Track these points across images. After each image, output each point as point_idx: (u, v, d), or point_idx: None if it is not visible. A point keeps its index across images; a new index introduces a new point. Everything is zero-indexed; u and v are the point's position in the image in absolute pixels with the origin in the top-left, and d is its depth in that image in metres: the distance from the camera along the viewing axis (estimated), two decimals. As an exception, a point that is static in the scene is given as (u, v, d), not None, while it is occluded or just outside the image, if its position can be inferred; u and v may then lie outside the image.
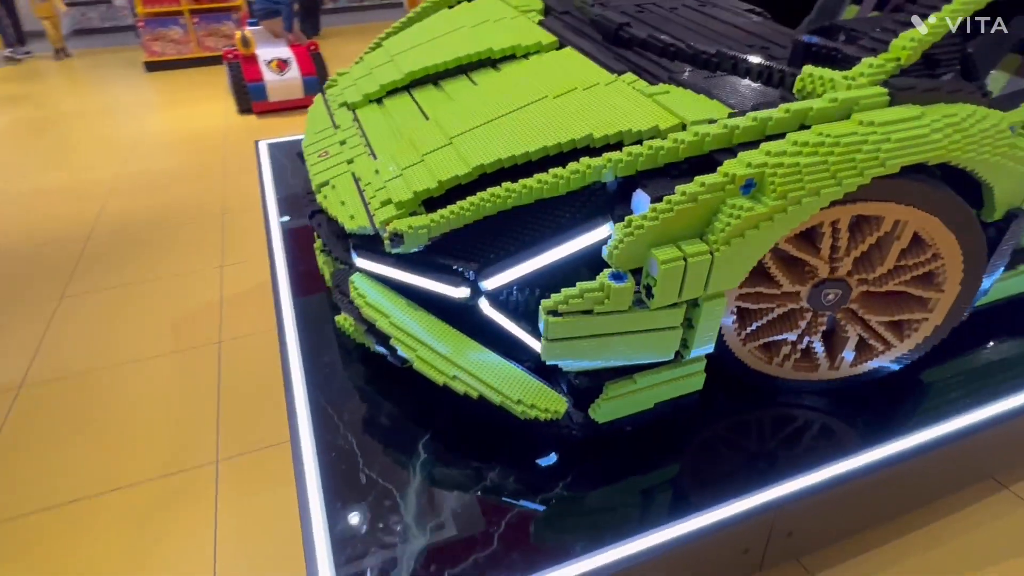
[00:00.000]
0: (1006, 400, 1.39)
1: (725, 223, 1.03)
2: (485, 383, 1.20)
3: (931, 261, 1.21)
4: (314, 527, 1.13)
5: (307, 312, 1.66)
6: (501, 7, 1.85)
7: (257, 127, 4.47)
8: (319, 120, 1.72)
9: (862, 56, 1.20)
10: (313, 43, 4.85)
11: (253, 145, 2.59)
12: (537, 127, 1.26)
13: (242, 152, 3.99)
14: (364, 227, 1.28)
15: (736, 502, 1.18)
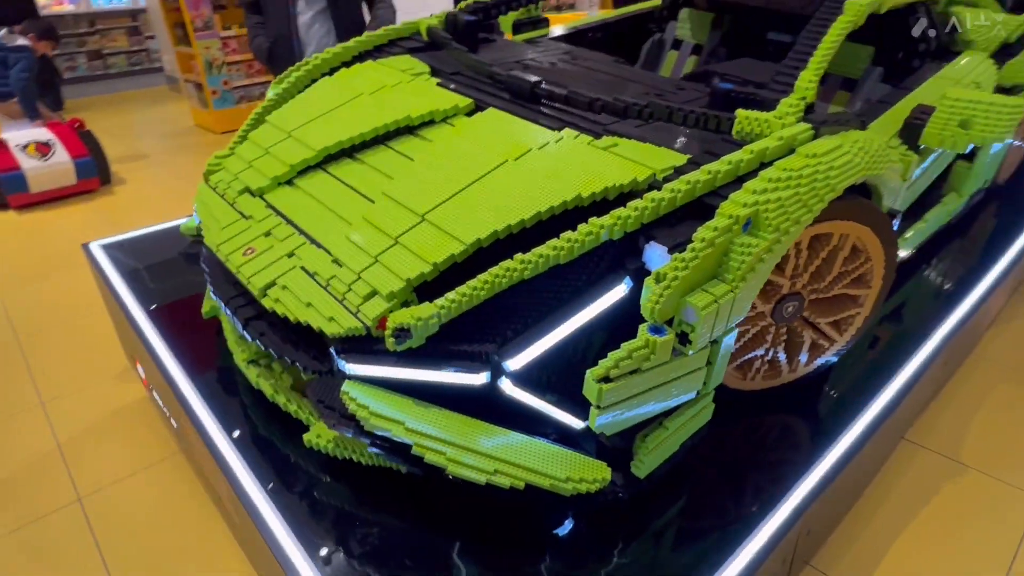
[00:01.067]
0: (905, 371, 1.66)
1: (740, 261, 1.09)
2: (529, 469, 1.12)
3: (864, 264, 1.41)
4: None
5: (242, 431, 1.40)
6: (388, 71, 1.77)
7: (22, 226, 3.68)
8: (218, 211, 1.47)
9: (774, 98, 1.38)
10: (77, 120, 4.17)
11: (28, 248, 2.13)
12: (517, 192, 1.23)
13: (18, 258, 3.26)
14: (353, 328, 1.12)
15: (775, 513, 1.25)
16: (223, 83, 5.72)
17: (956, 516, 1.70)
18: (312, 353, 1.24)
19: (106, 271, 1.94)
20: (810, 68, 1.45)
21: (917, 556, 1.60)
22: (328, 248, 1.27)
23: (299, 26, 2.77)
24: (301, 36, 2.79)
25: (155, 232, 2.22)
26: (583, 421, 1.20)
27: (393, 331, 1.08)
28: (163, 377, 1.55)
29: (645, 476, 1.22)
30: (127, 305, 1.79)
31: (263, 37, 2.82)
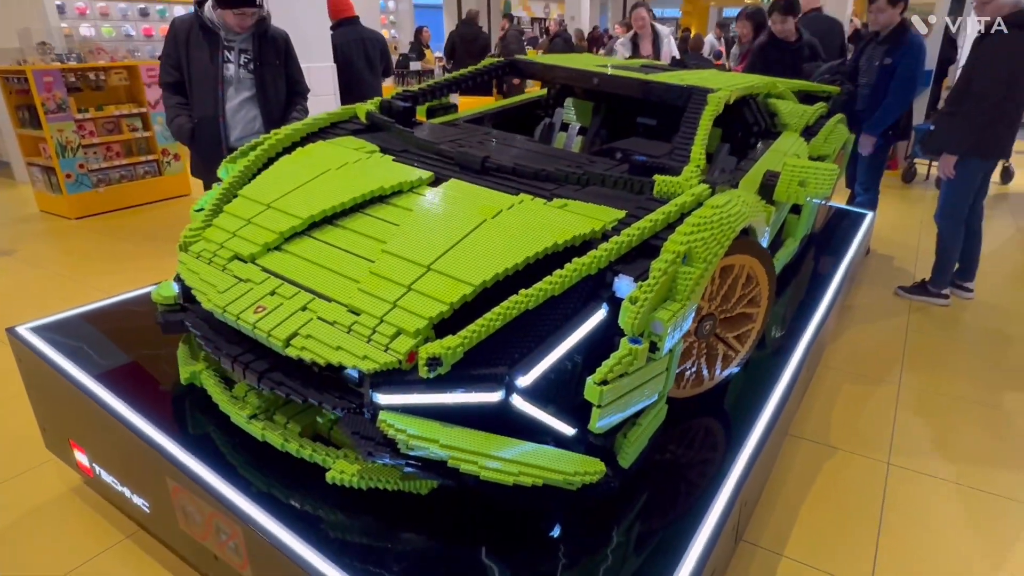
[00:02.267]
0: (783, 379, 2.10)
1: (684, 285, 1.43)
2: (545, 468, 1.33)
3: (755, 288, 1.84)
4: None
5: (253, 482, 1.45)
6: (343, 150, 1.97)
7: None
8: (211, 277, 1.56)
9: (679, 167, 1.80)
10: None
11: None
12: (504, 244, 1.48)
13: None
14: (389, 363, 1.29)
15: (719, 495, 1.55)
16: (79, 166, 5.41)
17: (835, 487, 2.15)
18: (336, 394, 1.37)
19: (44, 351, 1.86)
20: (697, 144, 1.91)
21: (815, 521, 2.00)
22: (340, 300, 1.43)
23: (227, 110, 2.87)
24: (227, 119, 2.89)
25: (79, 313, 2.15)
26: (573, 428, 1.45)
27: (427, 361, 1.27)
28: (149, 446, 1.55)
29: (628, 465, 1.48)
30: (78, 380, 1.75)
31: (185, 117, 2.87)
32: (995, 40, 3.03)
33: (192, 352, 1.80)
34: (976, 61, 3.10)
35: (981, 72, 3.06)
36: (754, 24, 4.96)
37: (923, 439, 2.41)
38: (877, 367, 2.91)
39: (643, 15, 5.27)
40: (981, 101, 3.02)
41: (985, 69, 3.05)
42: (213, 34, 2.82)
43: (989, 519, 2.01)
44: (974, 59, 3.13)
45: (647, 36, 5.20)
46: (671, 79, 2.47)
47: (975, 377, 2.85)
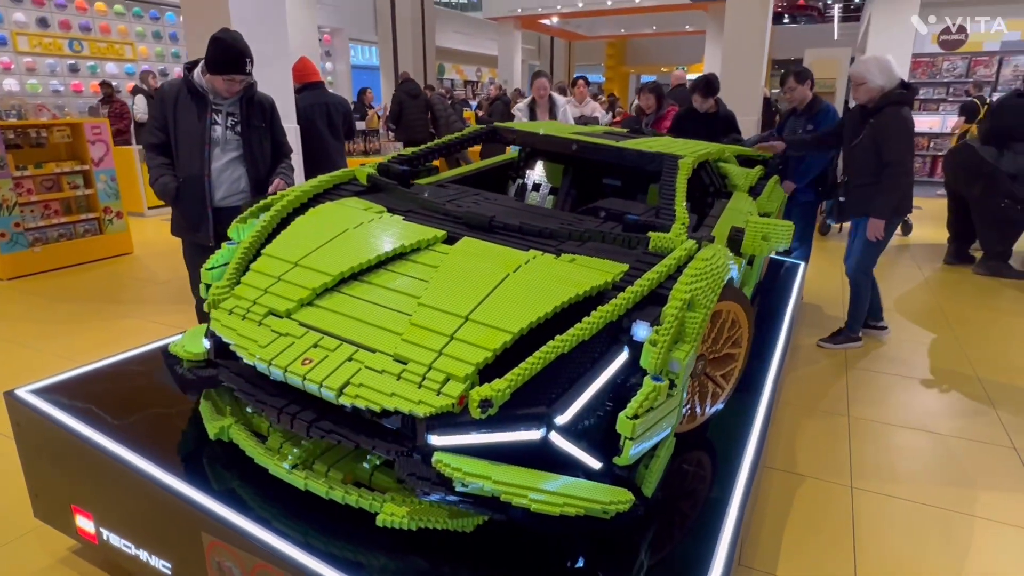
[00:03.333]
0: (759, 416, 2.33)
1: (691, 328, 1.63)
2: (584, 499, 1.45)
3: (738, 330, 2.06)
4: None
5: (297, 532, 1.49)
6: (356, 211, 2.09)
7: None
8: (249, 333, 1.62)
9: (669, 224, 2.03)
10: None
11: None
12: (531, 295, 1.64)
13: None
14: (443, 406, 1.39)
15: (726, 519, 1.72)
16: (14, 225, 5.18)
17: (810, 511, 2.36)
18: (388, 439, 1.46)
19: (51, 413, 1.83)
20: (679, 204, 2.16)
21: (798, 543, 2.19)
22: (385, 351, 1.53)
23: (212, 169, 2.92)
24: (213, 179, 2.93)
25: (77, 375, 2.11)
26: (600, 462, 1.58)
27: (479, 403, 1.39)
28: (184, 502, 1.56)
29: (651, 494, 1.62)
30: (94, 440, 1.73)
31: (169, 177, 2.90)
32: (888, 116, 3.48)
33: (218, 407, 1.82)
34: (877, 135, 3.51)
35: (890, 144, 3.48)
36: (657, 96, 5.50)
37: (877, 464, 2.67)
38: (827, 401, 3.21)
39: (544, 84, 5.60)
40: (899, 168, 3.45)
41: (892, 141, 3.47)
42: (201, 97, 2.90)
43: (945, 531, 2.27)
44: (874, 134, 3.53)
45: (544, 105, 5.55)
46: (641, 146, 2.75)
47: (910, 406, 3.19)
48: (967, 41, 10.75)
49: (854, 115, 3.73)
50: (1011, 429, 2.96)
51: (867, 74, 3.51)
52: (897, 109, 3.48)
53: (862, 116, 3.64)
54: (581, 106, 7.03)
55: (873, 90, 3.52)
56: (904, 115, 3.48)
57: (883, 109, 3.50)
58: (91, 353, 3.68)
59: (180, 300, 4.75)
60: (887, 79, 3.50)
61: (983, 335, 4.21)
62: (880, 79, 3.49)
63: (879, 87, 3.50)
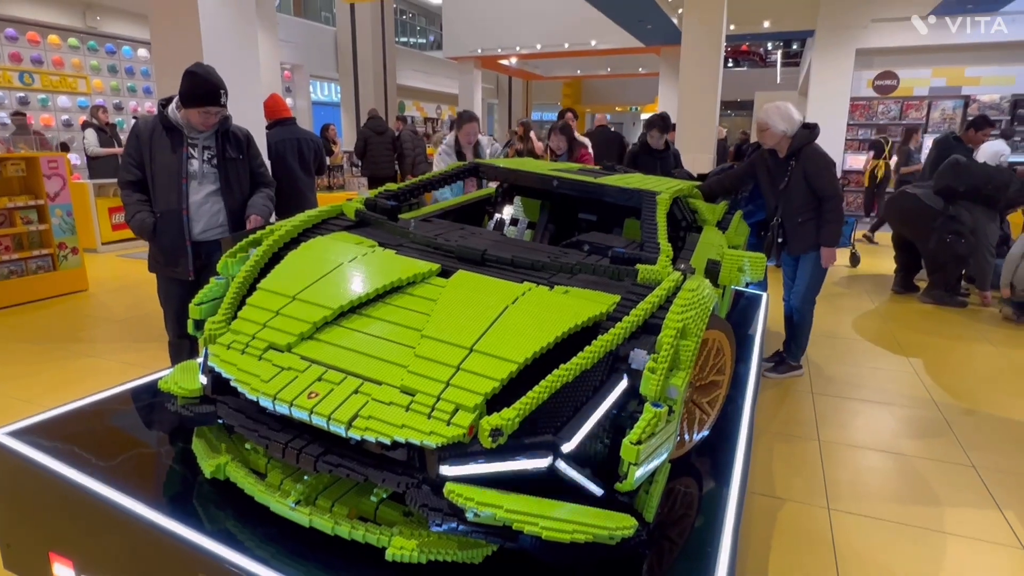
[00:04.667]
0: (741, 442, 2.40)
1: (685, 355, 1.70)
2: (592, 526, 1.48)
3: (722, 358, 2.14)
4: None
5: None
6: (347, 245, 2.11)
7: None
8: (250, 367, 1.60)
9: (654, 257, 2.11)
10: None
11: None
12: (532, 325, 1.68)
13: None
14: (455, 436, 1.41)
15: (722, 543, 1.76)
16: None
17: (791, 534, 2.43)
18: (400, 470, 1.46)
19: (30, 455, 1.75)
20: (661, 237, 2.25)
21: (783, 567, 2.25)
22: (391, 383, 1.54)
23: (190, 204, 2.89)
24: (191, 213, 2.90)
25: (53, 417, 2.03)
26: (601, 489, 1.62)
27: (490, 432, 1.41)
28: (179, 543, 1.51)
29: (652, 519, 1.66)
30: (78, 482, 1.67)
31: (147, 213, 2.85)
32: (810, 156, 3.71)
33: (211, 445, 1.78)
34: (807, 175, 3.72)
35: (821, 181, 3.69)
36: (568, 138, 5.59)
37: (851, 485, 2.78)
38: (797, 427, 3.33)
39: (474, 129, 5.44)
40: (836, 199, 3.68)
41: (822, 178, 3.69)
42: (177, 132, 2.89)
43: (919, 548, 2.36)
44: (802, 175, 3.73)
45: (469, 147, 5.45)
46: (618, 183, 2.86)
47: (875, 429, 3.33)
48: (899, 86, 11.54)
49: (768, 160, 3.92)
50: (968, 448, 3.12)
51: (769, 120, 3.74)
52: (813, 148, 3.73)
53: (779, 161, 3.85)
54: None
55: (776, 135, 3.74)
56: (820, 151, 3.74)
57: (800, 151, 3.73)
58: (52, 395, 3.53)
59: (140, 338, 4.61)
60: (788, 125, 3.72)
61: (935, 360, 4.45)
62: (782, 125, 3.72)
63: (781, 132, 3.72)
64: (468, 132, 5.19)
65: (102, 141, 8.48)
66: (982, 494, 2.72)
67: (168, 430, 2.01)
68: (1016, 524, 2.50)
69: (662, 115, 5.13)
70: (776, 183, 3.87)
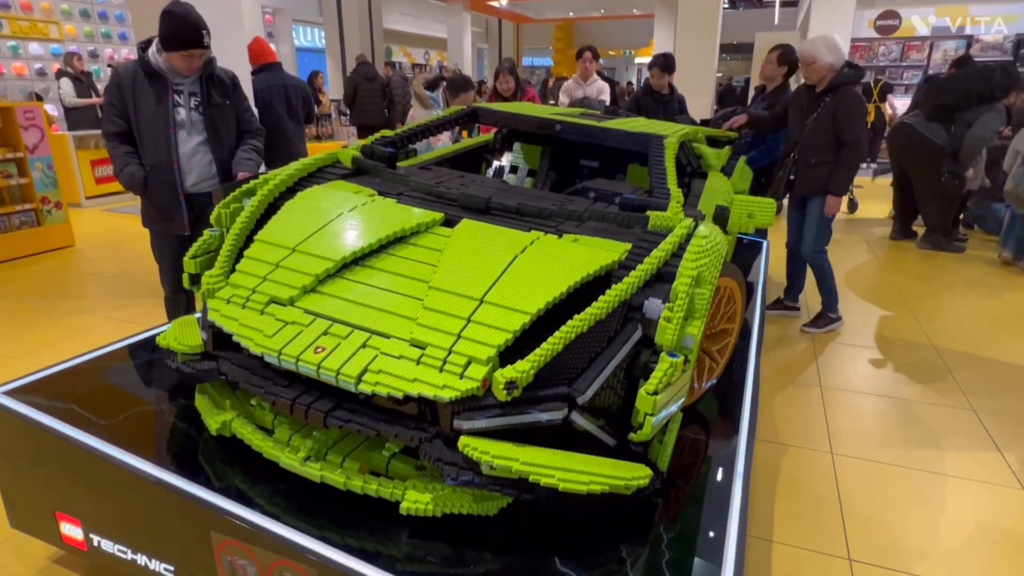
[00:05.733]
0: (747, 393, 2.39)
1: (700, 304, 1.65)
2: (608, 476, 1.46)
3: (733, 306, 2.10)
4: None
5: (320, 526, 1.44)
6: (346, 194, 2.02)
7: None
8: (252, 322, 1.54)
9: (664, 203, 2.04)
10: None
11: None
12: (542, 275, 1.62)
13: None
14: (469, 389, 1.37)
15: (735, 487, 1.76)
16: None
17: (796, 478, 2.45)
18: (412, 424, 1.43)
19: (30, 415, 1.71)
20: (671, 183, 2.18)
21: (789, 509, 2.27)
22: (400, 336, 1.49)
23: (181, 155, 2.76)
24: (182, 165, 2.78)
25: (52, 374, 1.98)
26: (614, 439, 1.60)
27: (505, 385, 1.37)
28: (191, 501, 1.49)
29: (666, 468, 1.65)
30: (84, 441, 1.63)
31: (136, 166, 2.73)
32: (846, 97, 3.56)
33: (215, 401, 1.74)
34: (836, 115, 3.57)
35: (848, 125, 3.55)
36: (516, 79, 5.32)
37: (852, 430, 2.80)
38: (800, 374, 3.34)
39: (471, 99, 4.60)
40: (856, 147, 3.56)
41: (851, 122, 3.55)
42: (160, 79, 2.74)
43: (921, 491, 2.40)
44: (831, 114, 3.59)
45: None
46: (624, 127, 2.76)
47: (875, 375, 3.35)
48: (900, 27, 11.24)
49: (803, 95, 3.80)
50: (968, 392, 3.15)
51: (816, 53, 3.58)
52: (851, 89, 3.58)
53: (813, 96, 3.71)
54: (585, 85, 5.69)
55: (823, 68, 3.59)
56: (857, 95, 3.60)
57: (838, 89, 3.58)
58: (45, 352, 3.48)
59: (132, 294, 4.53)
60: (836, 57, 3.57)
61: (933, 305, 4.45)
62: (829, 57, 3.57)
63: (828, 64, 3.58)
64: (464, 102, 4.51)
65: (78, 91, 8.16)
66: (982, 437, 2.75)
67: (169, 387, 1.97)
68: (1016, 466, 2.54)
69: (664, 54, 4.93)
70: (804, 118, 3.74)
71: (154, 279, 3.11)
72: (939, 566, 2.01)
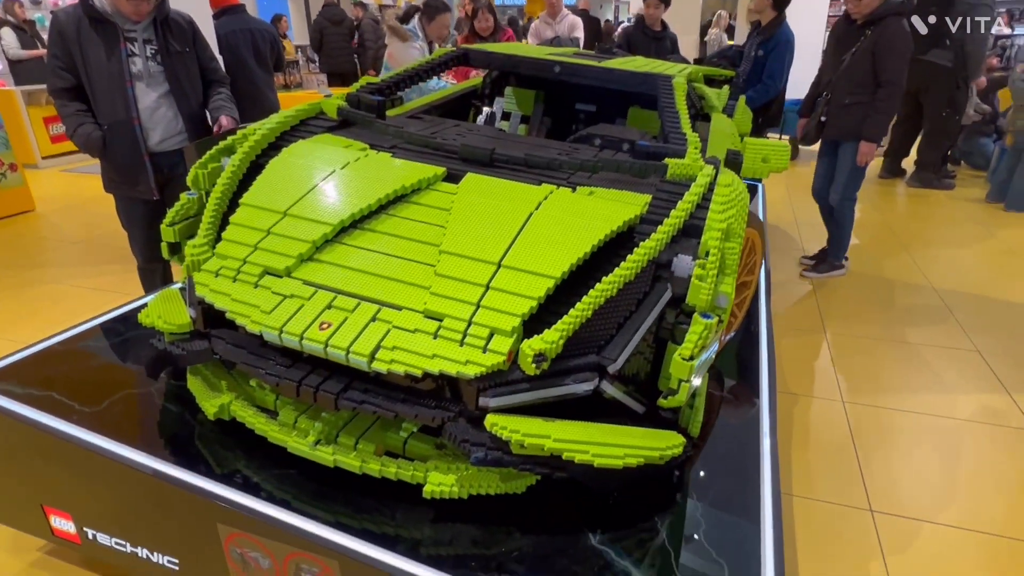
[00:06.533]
0: (763, 344, 2.32)
1: (732, 259, 1.54)
2: (643, 448, 1.37)
3: (754, 257, 2.00)
4: None
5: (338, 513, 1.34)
6: (336, 150, 1.84)
7: None
8: (245, 296, 1.39)
9: (682, 150, 1.90)
10: None
11: None
12: (562, 234, 1.48)
13: None
14: (494, 364, 1.25)
15: (764, 441, 1.70)
16: None
17: (810, 428, 2.41)
18: (432, 403, 1.31)
19: (8, 407, 1.56)
20: (685, 125, 2.03)
21: (805, 461, 2.24)
22: (412, 307, 1.36)
23: (141, 111, 2.51)
24: (144, 122, 2.53)
25: (22, 359, 1.82)
26: (643, 407, 1.51)
27: (533, 357, 1.25)
28: (195, 494, 1.37)
29: (697, 433, 1.57)
30: (68, 433, 1.49)
31: (91, 125, 2.47)
32: (891, 28, 3.26)
33: (210, 383, 1.60)
34: (877, 49, 3.28)
35: (889, 62, 3.25)
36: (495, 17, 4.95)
37: (861, 376, 2.77)
38: (804, 321, 3.29)
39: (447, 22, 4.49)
40: (894, 88, 3.27)
41: (892, 58, 3.25)
42: (108, 25, 2.45)
43: (934, 435, 2.38)
44: (873, 47, 3.29)
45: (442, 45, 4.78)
46: (626, 67, 2.58)
47: (879, 319, 3.31)
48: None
49: (840, 28, 3.53)
50: (971, 332, 3.13)
51: None
52: (897, 20, 3.27)
53: (853, 29, 3.41)
54: (555, 23, 5.29)
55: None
56: (903, 29, 3.28)
57: (884, 19, 3.27)
58: (13, 328, 3.27)
59: (101, 261, 4.29)
60: None
61: (928, 245, 4.43)
62: None
63: None
64: (441, 26, 4.30)
65: (23, 41, 7.58)
66: (990, 379, 2.74)
67: (155, 368, 1.82)
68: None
69: None
70: (840, 53, 3.47)
71: (124, 244, 2.90)
72: (963, 514, 2.00)
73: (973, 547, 1.88)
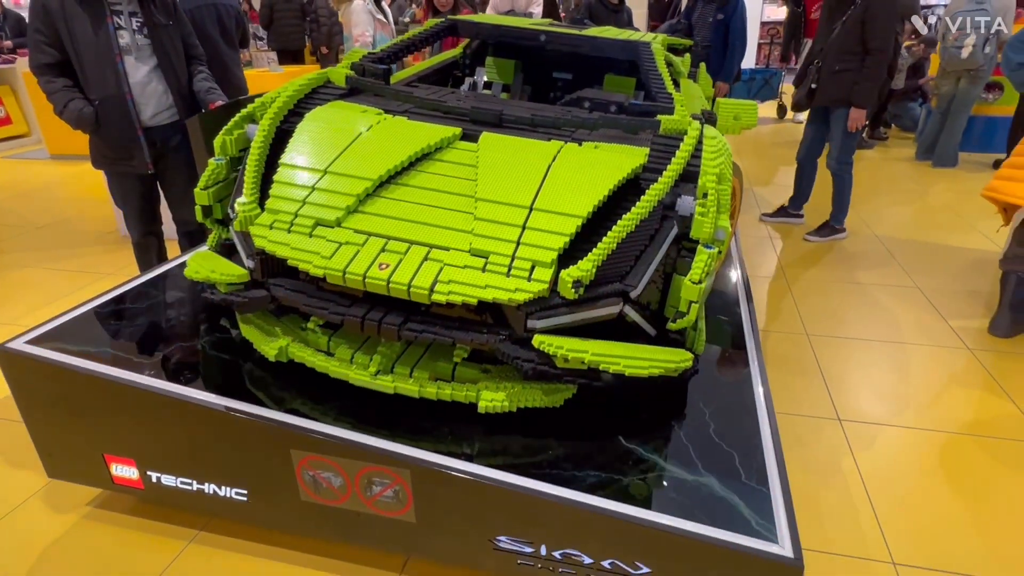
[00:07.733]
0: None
1: (725, 199, 1.77)
2: (662, 361, 1.59)
3: (735, 200, 2.24)
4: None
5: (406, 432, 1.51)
6: (359, 113, 1.97)
7: None
8: (303, 245, 1.53)
9: (670, 107, 2.11)
10: None
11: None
12: (581, 180, 1.68)
13: None
14: (540, 291, 1.44)
15: (753, 361, 1.96)
16: None
17: (780, 357, 2.71)
18: (483, 328, 1.49)
19: (68, 362, 1.65)
20: (669, 86, 2.24)
21: (779, 381, 2.53)
22: (459, 248, 1.53)
23: (132, 85, 2.53)
24: (136, 96, 2.55)
25: (68, 322, 1.89)
26: (654, 330, 1.73)
27: (572, 284, 1.45)
28: (273, 424, 1.52)
29: (703, 351, 1.81)
30: (137, 381, 1.61)
31: (81, 100, 2.46)
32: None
33: (265, 330, 1.73)
34: (867, 16, 3.41)
35: (877, 29, 3.39)
36: None
37: (821, 313, 3.09)
38: (765, 266, 3.60)
39: None
40: (882, 55, 3.44)
41: (880, 25, 3.40)
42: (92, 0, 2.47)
43: (889, 359, 2.72)
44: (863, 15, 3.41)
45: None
46: (604, 35, 2.77)
47: (834, 264, 3.67)
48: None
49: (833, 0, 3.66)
50: (911, 272, 3.51)
51: None
52: None
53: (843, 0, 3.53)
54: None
55: None
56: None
57: None
58: (6, 311, 3.25)
59: (71, 243, 4.23)
60: None
61: (869, 199, 4.83)
62: None
63: None
64: None
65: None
66: (929, 309, 3.11)
67: (192, 321, 1.94)
68: (959, 330, 2.91)
69: None
70: (833, 20, 3.60)
71: (93, 226, 2.93)
72: (920, 416, 2.33)
73: (924, 441, 2.21)
